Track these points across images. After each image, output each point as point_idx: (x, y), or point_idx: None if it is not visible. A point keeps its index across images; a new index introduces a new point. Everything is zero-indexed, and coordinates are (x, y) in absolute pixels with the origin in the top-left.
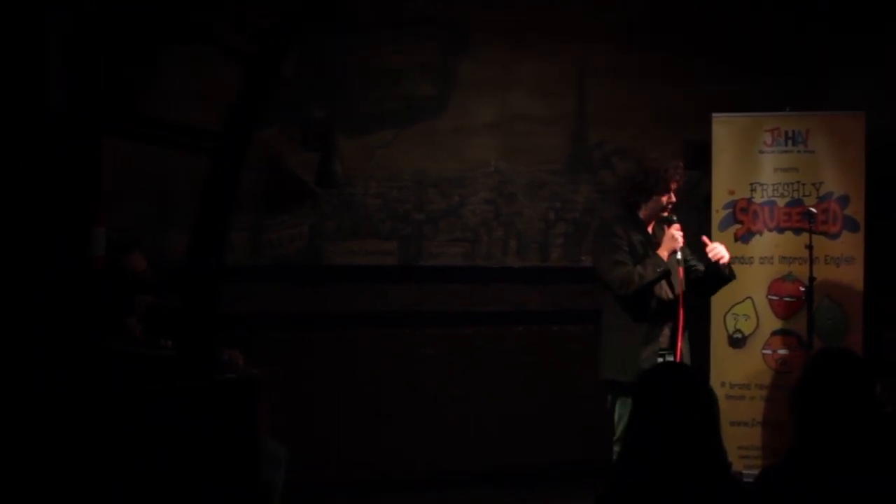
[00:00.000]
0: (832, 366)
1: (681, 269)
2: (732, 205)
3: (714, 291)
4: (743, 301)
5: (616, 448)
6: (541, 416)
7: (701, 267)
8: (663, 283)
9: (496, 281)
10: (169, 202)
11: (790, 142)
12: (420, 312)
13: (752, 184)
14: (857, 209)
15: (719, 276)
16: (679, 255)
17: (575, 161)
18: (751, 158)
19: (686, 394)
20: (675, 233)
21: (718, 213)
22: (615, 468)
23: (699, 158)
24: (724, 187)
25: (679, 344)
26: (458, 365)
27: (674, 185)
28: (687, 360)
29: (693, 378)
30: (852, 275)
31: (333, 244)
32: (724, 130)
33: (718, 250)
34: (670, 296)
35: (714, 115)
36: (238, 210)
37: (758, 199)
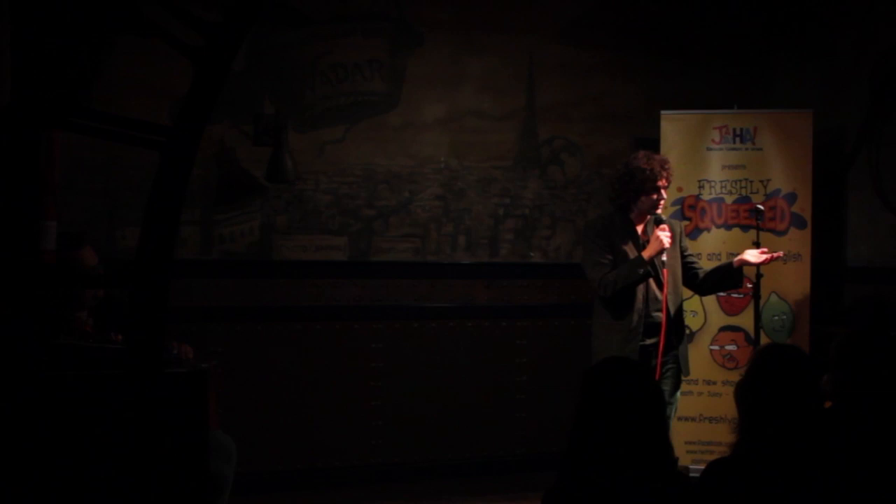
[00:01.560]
0: (776, 361)
1: (665, 271)
2: (681, 202)
3: (715, 291)
4: (691, 297)
5: None
6: (488, 410)
7: (697, 263)
8: (650, 281)
9: (445, 276)
10: (119, 197)
11: (738, 139)
12: (369, 307)
13: (700, 181)
14: (804, 206)
15: (736, 279)
16: (664, 257)
17: (524, 157)
18: (699, 155)
19: (631, 389)
20: (662, 234)
21: (667, 210)
22: (563, 462)
23: None
24: (672, 184)
25: (662, 342)
26: (406, 360)
27: (662, 184)
28: (682, 359)
29: (638, 373)
30: (799, 271)
31: (283, 239)
32: (673, 127)
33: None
34: (658, 293)
35: (662, 112)
36: (188, 205)
37: (706, 195)
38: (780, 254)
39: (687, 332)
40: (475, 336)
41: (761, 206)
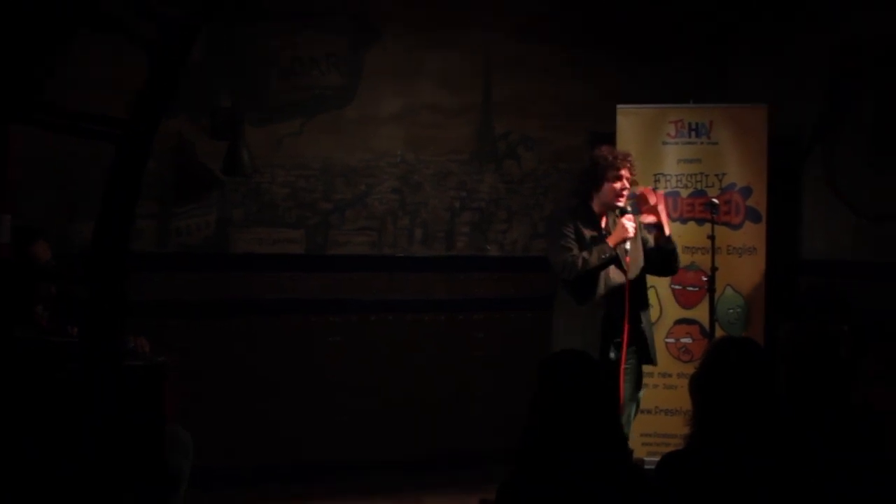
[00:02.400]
0: (731, 354)
1: (628, 258)
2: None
3: (668, 268)
4: (647, 290)
5: None
6: (447, 404)
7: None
8: (612, 270)
9: (402, 270)
10: (76, 191)
11: (693, 133)
12: (326, 301)
13: (655, 175)
14: (759, 200)
15: (661, 249)
16: (627, 246)
17: (481, 151)
18: (654, 149)
19: (583, 381)
20: (627, 222)
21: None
22: (517, 455)
23: None
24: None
25: (626, 330)
26: (364, 353)
27: (624, 173)
28: (650, 347)
29: (590, 365)
30: (754, 265)
31: (240, 232)
32: (629, 122)
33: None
34: (620, 281)
35: (618, 106)
36: (145, 198)
37: (662, 189)
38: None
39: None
40: (432, 329)
41: (716, 200)
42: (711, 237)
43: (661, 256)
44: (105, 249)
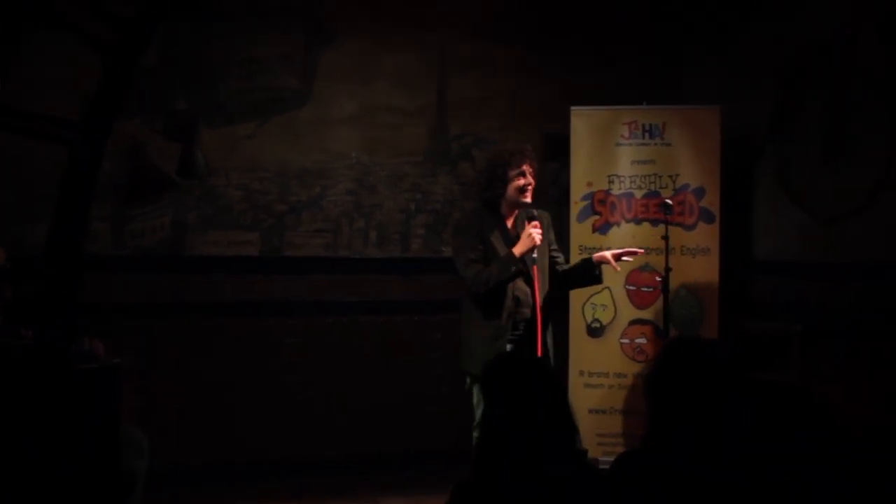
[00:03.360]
0: (683, 353)
1: (535, 267)
2: (590, 196)
3: (574, 288)
4: (601, 291)
5: (475, 434)
6: (404, 405)
7: (561, 259)
8: (520, 281)
9: (358, 271)
10: (30, 193)
11: (647, 135)
12: (282, 302)
13: (609, 176)
14: (712, 201)
15: (593, 278)
16: (535, 254)
17: (435, 153)
18: (608, 151)
19: (531, 382)
20: (534, 231)
21: (577, 205)
22: (473, 457)
23: (558, 151)
24: (582, 179)
25: (539, 338)
26: (320, 354)
27: (526, 168)
28: (549, 354)
29: (537, 367)
30: (708, 265)
31: (196, 235)
32: (583, 123)
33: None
34: (526, 292)
35: (572, 107)
36: (100, 200)
37: (615, 190)
38: (640, 251)
39: (597, 325)
40: (389, 331)
41: (670, 201)
42: (665, 238)
43: (571, 278)
44: (58, 251)
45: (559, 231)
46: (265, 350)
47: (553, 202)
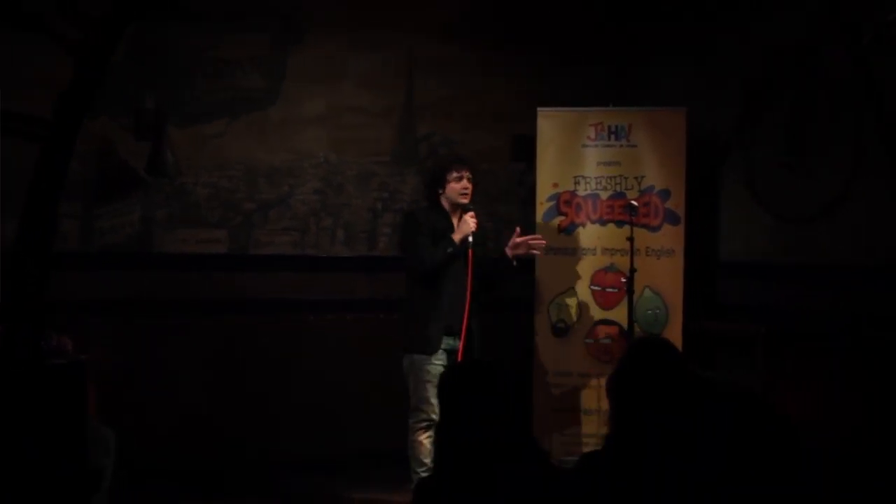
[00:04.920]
0: (646, 354)
1: (471, 251)
2: (556, 197)
3: (500, 285)
4: (566, 291)
5: (411, 420)
6: (368, 402)
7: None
8: (457, 265)
9: (325, 270)
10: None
11: (613, 136)
12: (250, 300)
13: (575, 177)
14: (677, 202)
15: (509, 268)
16: (471, 240)
17: (403, 153)
18: (575, 152)
19: (487, 387)
20: (470, 219)
21: (542, 206)
22: (434, 458)
23: (525, 151)
24: (548, 180)
25: (465, 323)
26: (287, 352)
27: (464, 174)
28: (475, 339)
29: (492, 371)
30: (673, 267)
31: (164, 232)
32: (549, 124)
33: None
34: (464, 276)
35: (539, 109)
36: (69, 198)
37: (581, 191)
38: (541, 242)
39: (562, 325)
40: (355, 328)
41: (635, 203)
42: (630, 239)
43: (498, 269)
44: (27, 248)
45: (525, 231)
46: (232, 347)
47: (519, 202)
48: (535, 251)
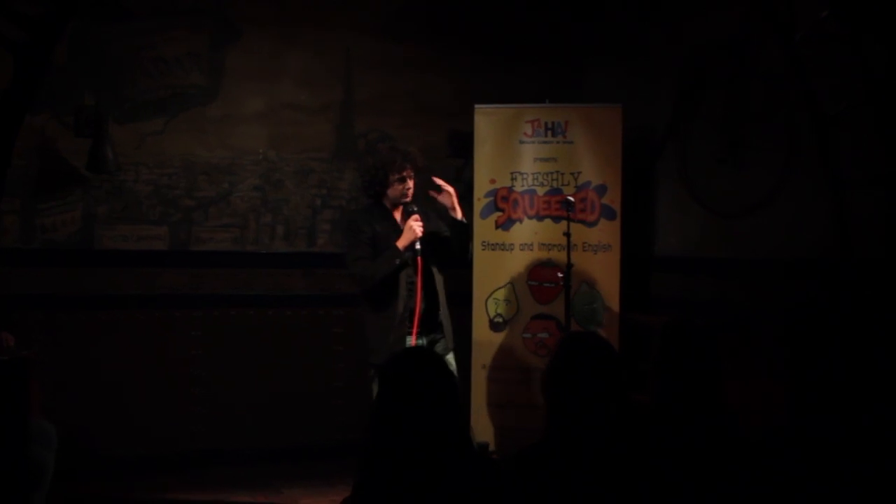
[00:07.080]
0: (578, 349)
1: (419, 259)
2: (494, 193)
3: (459, 247)
4: (504, 286)
5: None
6: (308, 397)
7: (447, 232)
8: (410, 270)
9: (264, 266)
10: None
11: (550, 132)
12: (189, 296)
13: (512, 173)
14: (614, 198)
15: (455, 225)
16: (418, 246)
17: (341, 149)
18: (511, 148)
19: (425, 378)
20: (414, 224)
21: (480, 202)
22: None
23: (463, 148)
24: (485, 176)
25: (415, 328)
26: (226, 347)
27: (406, 174)
28: (447, 331)
29: (432, 363)
30: (609, 261)
31: (105, 229)
32: (486, 121)
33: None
34: (414, 282)
35: (476, 105)
36: (9, 194)
37: (518, 187)
38: (451, 189)
39: (499, 320)
40: (293, 324)
41: (572, 198)
42: (567, 234)
43: (454, 232)
44: None
45: (463, 226)
46: (172, 343)
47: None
48: (445, 190)
